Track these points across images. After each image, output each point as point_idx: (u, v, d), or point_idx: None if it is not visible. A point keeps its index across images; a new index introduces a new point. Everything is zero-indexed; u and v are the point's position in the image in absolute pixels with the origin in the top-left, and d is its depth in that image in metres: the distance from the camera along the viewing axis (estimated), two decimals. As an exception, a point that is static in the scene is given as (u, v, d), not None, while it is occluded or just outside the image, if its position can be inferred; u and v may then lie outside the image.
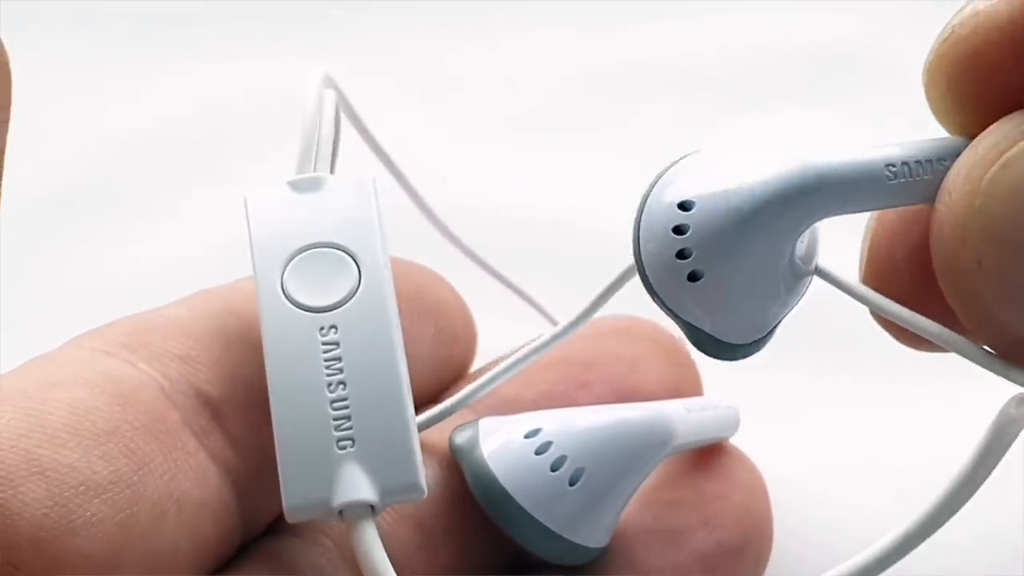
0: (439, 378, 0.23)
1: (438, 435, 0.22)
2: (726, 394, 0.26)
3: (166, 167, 0.38)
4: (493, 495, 0.21)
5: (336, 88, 0.22)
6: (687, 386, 0.25)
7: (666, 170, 0.18)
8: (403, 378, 0.19)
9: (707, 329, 0.18)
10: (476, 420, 0.22)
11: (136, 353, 0.20)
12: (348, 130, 0.23)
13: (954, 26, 0.16)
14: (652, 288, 0.18)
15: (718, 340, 0.18)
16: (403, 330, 0.20)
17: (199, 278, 0.24)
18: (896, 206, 0.17)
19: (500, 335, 0.23)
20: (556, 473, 0.21)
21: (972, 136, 0.16)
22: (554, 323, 0.29)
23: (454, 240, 0.28)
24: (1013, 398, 0.16)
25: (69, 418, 0.18)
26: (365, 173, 0.21)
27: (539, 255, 0.31)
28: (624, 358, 0.25)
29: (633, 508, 0.23)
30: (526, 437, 0.22)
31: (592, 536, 0.22)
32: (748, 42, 0.41)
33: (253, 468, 0.20)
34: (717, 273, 0.17)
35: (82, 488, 0.18)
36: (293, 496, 0.18)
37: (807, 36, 0.40)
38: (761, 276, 0.17)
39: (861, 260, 0.19)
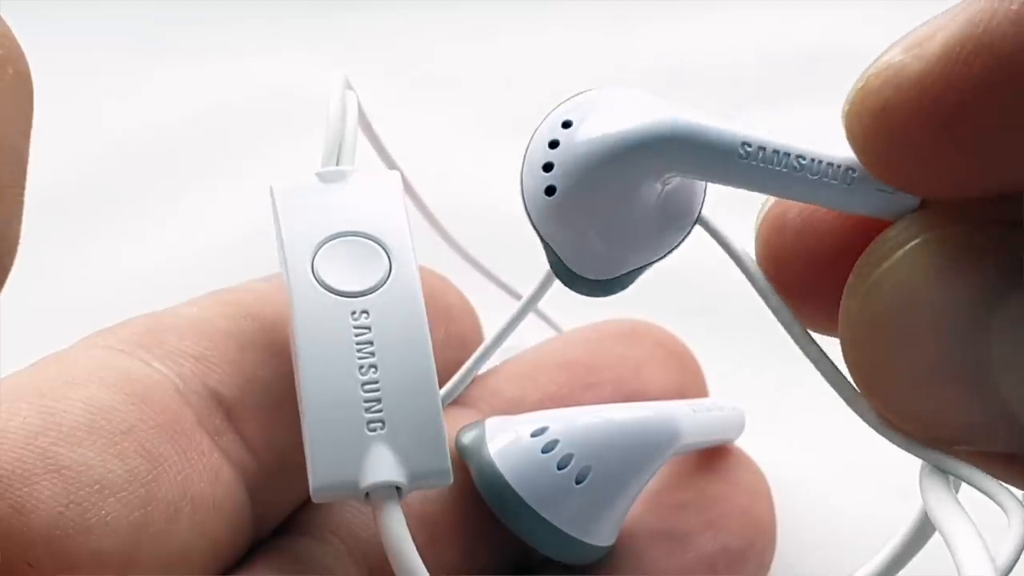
0: (448, 381, 0.23)
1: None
2: (730, 396, 0.26)
3: (166, 167, 0.38)
4: (500, 493, 0.21)
5: (354, 91, 0.22)
6: (692, 389, 0.25)
7: (589, 92, 0.18)
8: (432, 364, 0.19)
9: (557, 251, 0.18)
10: (482, 420, 0.22)
11: (151, 352, 0.20)
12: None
13: (868, 76, 0.15)
14: (523, 199, 0.18)
15: (568, 268, 0.18)
16: None
17: (200, 278, 0.24)
18: (746, 188, 0.17)
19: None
20: (563, 471, 0.21)
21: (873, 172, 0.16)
22: (554, 326, 0.29)
23: (452, 243, 0.28)
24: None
25: (85, 416, 0.18)
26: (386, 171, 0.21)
27: (539, 255, 0.31)
28: (629, 361, 0.25)
29: (638, 509, 0.23)
30: (532, 436, 0.22)
31: (598, 534, 0.22)
32: (748, 42, 0.41)
33: (266, 468, 0.20)
34: (569, 195, 0.17)
35: (97, 487, 0.18)
36: (321, 476, 0.18)
37: (807, 36, 0.40)
38: (611, 213, 0.17)
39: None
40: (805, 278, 0.18)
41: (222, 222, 0.36)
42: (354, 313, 0.19)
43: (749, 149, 0.17)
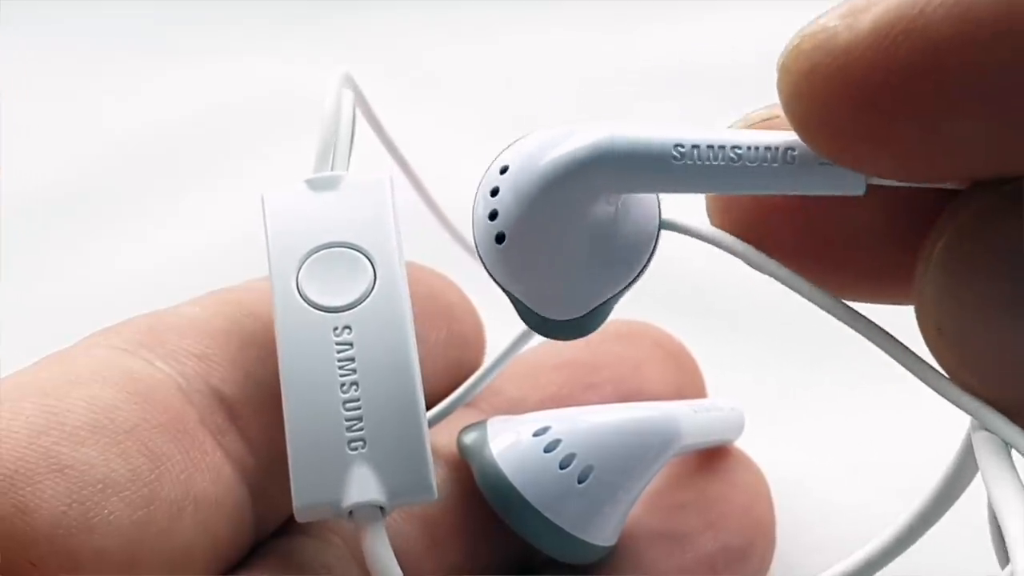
0: (451, 381, 0.23)
1: (446, 435, 0.22)
2: (727, 396, 0.26)
3: (166, 167, 0.38)
4: (502, 493, 0.21)
5: (355, 88, 0.22)
6: (690, 389, 0.26)
7: (523, 137, 0.17)
8: (416, 380, 0.19)
9: (522, 299, 0.17)
10: (484, 420, 0.22)
11: (153, 351, 0.20)
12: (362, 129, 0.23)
13: (803, 36, 0.15)
14: (477, 250, 0.17)
15: (535, 313, 0.18)
16: (416, 333, 0.20)
17: (200, 278, 0.24)
18: (690, 191, 0.16)
19: (508, 336, 0.23)
20: (565, 471, 0.21)
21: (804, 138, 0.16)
22: None
23: (463, 242, 0.28)
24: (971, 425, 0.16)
25: (88, 416, 0.18)
26: (379, 172, 0.21)
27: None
28: (628, 361, 0.25)
29: (639, 510, 0.23)
30: (535, 435, 0.22)
31: (600, 534, 0.22)
32: (748, 42, 0.41)
33: (267, 468, 0.20)
34: (518, 238, 0.17)
35: (100, 486, 0.18)
36: (303, 496, 0.18)
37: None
38: (566, 246, 0.17)
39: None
40: (760, 229, 0.17)
41: (222, 222, 0.36)
42: (336, 329, 0.19)
43: (682, 150, 0.16)
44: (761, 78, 0.43)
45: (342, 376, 0.19)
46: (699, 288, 0.31)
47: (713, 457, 0.25)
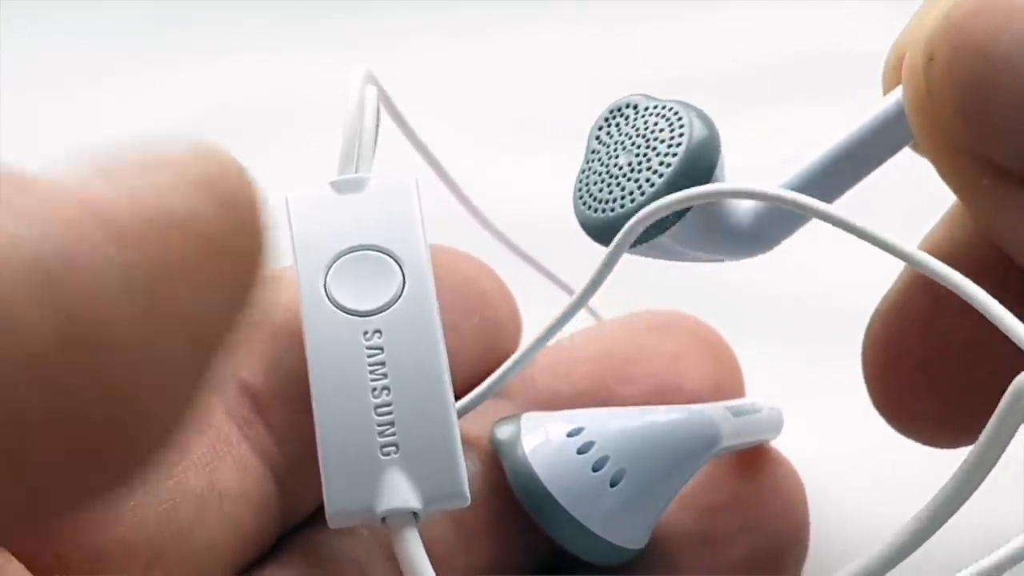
0: (484, 368, 0.23)
1: (479, 428, 0.22)
2: (766, 391, 0.25)
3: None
4: (534, 493, 0.21)
5: (378, 85, 0.21)
6: (729, 382, 0.25)
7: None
8: (447, 385, 0.19)
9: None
10: (518, 415, 0.22)
11: None
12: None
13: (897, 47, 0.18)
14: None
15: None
16: (447, 321, 0.19)
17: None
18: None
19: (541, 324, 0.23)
20: (598, 473, 0.21)
21: None
22: (595, 314, 0.28)
23: (499, 235, 0.27)
24: None
25: None
26: (405, 171, 0.21)
27: (539, 255, 0.31)
28: (666, 354, 0.24)
29: (671, 510, 0.22)
30: (569, 436, 0.21)
31: (631, 537, 0.21)
32: (748, 43, 0.41)
33: (293, 460, 0.20)
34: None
35: None
36: (336, 502, 0.18)
37: (807, 37, 0.40)
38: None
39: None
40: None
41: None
42: (366, 333, 0.19)
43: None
44: (761, 80, 0.43)
45: (373, 381, 0.19)
46: (719, 280, 0.31)
47: (750, 457, 0.24)
